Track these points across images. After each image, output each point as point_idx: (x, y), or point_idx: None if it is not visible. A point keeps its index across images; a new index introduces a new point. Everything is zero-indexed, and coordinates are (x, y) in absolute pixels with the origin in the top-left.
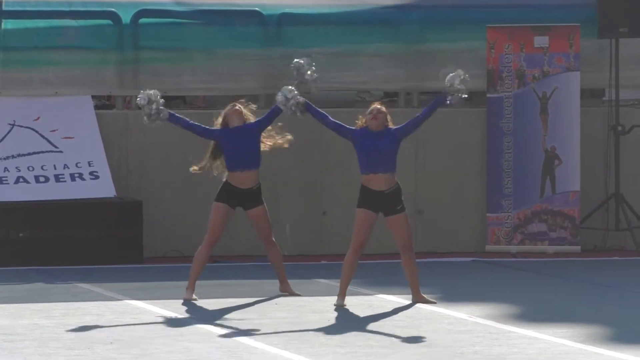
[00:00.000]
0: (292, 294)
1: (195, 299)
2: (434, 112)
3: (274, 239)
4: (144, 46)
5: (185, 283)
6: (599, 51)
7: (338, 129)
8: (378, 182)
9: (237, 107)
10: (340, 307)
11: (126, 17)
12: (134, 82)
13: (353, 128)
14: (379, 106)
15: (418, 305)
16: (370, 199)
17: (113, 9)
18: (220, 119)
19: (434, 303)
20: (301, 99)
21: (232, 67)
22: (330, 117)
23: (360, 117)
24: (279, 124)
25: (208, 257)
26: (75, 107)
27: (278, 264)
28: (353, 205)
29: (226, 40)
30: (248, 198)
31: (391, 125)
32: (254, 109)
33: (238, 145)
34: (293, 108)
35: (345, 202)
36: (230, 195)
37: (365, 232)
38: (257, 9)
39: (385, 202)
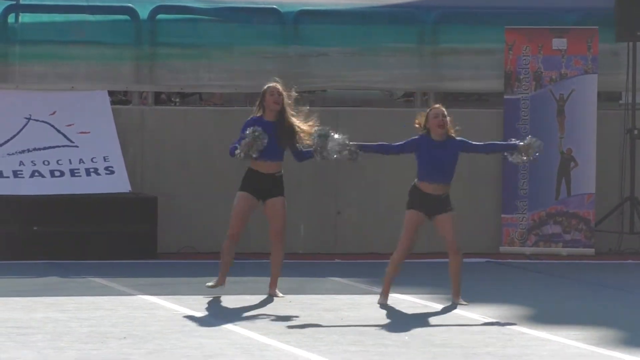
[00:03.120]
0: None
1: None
2: (497, 151)
3: (281, 241)
4: (161, 42)
5: (199, 279)
6: (616, 54)
7: (402, 150)
8: (435, 188)
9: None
10: (383, 305)
11: (144, 13)
12: (150, 78)
13: (414, 139)
14: (444, 110)
15: (432, 305)
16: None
17: (131, 5)
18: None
19: (465, 305)
20: (352, 147)
21: (249, 64)
22: (390, 145)
23: (419, 115)
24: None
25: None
26: (92, 102)
27: (275, 267)
28: (368, 205)
29: (243, 38)
30: (270, 184)
31: (452, 133)
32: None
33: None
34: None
35: (359, 202)
36: (253, 181)
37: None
38: (274, 6)
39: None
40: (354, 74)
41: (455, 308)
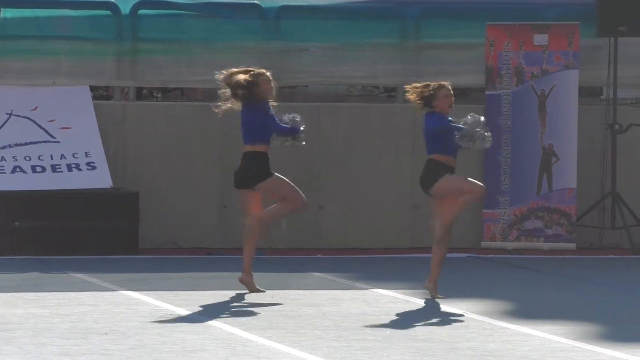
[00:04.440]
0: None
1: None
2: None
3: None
4: (143, 37)
5: (180, 274)
6: (597, 49)
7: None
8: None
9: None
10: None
11: (125, 8)
12: (132, 73)
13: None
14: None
15: (414, 300)
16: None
17: (112, 0)
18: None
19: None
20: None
21: (231, 59)
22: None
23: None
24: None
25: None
26: (73, 98)
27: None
28: (350, 200)
29: (225, 33)
30: (250, 165)
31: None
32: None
33: (250, 121)
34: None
35: (342, 197)
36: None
37: None
38: (256, 1)
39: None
40: (334, 69)
41: (438, 303)
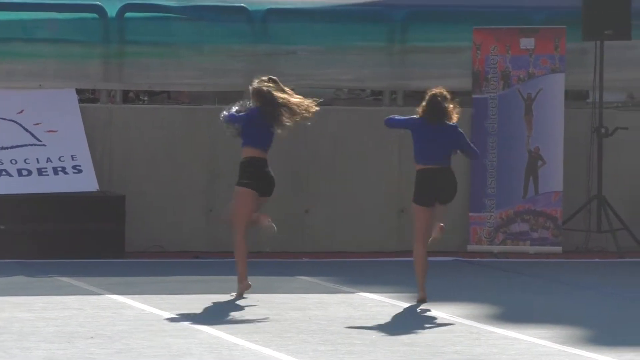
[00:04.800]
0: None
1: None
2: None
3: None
4: (130, 40)
5: (166, 278)
6: (583, 53)
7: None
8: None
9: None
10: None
11: (112, 11)
12: (118, 76)
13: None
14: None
15: (400, 304)
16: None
17: (99, 3)
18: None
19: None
20: None
21: (218, 62)
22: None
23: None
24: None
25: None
26: (59, 101)
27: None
28: (336, 203)
29: (212, 36)
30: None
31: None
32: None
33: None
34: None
35: (328, 200)
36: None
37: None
38: (243, 4)
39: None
40: (321, 72)
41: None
